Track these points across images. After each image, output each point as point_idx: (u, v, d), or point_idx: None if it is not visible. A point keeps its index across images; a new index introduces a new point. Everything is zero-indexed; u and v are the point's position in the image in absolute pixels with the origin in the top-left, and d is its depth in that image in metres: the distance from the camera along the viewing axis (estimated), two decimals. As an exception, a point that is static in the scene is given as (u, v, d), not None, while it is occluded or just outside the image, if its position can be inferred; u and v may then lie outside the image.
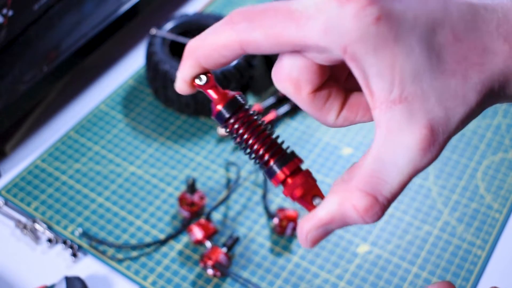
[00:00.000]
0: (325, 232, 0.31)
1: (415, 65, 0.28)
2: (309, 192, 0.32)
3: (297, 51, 0.29)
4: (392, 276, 0.66)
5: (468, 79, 0.28)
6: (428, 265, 0.67)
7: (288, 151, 0.33)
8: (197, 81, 0.33)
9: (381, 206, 0.29)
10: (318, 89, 0.32)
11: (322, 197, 0.32)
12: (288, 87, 0.32)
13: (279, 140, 0.32)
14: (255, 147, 0.32)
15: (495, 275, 0.66)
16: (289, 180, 0.32)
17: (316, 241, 0.31)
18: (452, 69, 0.28)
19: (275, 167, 0.32)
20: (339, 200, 0.30)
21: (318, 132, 0.79)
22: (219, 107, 0.33)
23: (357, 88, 0.33)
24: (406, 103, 0.28)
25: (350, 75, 0.34)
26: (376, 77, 0.28)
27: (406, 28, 0.28)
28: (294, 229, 0.68)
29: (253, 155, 0.33)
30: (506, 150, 0.78)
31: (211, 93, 0.33)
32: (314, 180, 0.32)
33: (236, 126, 0.32)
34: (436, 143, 0.28)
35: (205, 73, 0.33)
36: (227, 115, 0.33)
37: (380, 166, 0.29)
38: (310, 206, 0.32)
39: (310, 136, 0.78)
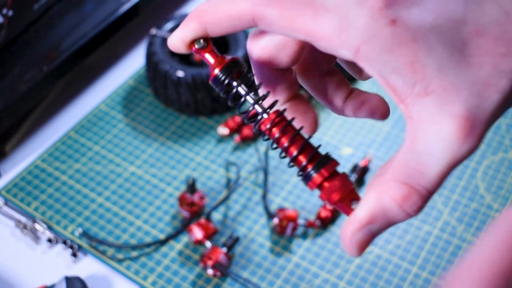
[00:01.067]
0: (369, 234, 0.29)
1: (437, 61, 0.27)
2: (347, 196, 0.30)
3: (307, 40, 0.29)
4: (392, 276, 0.66)
5: (497, 68, 0.28)
6: (428, 265, 0.67)
7: (323, 153, 0.31)
8: (196, 44, 0.32)
9: (420, 196, 0.28)
10: (327, 75, 0.33)
11: (360, 200, 0.31)
12: (262, 56, 0.32)
13: (315, 144, 0.31)
14: (290, 149, 0.31)
15: (495, 275, 0.66)
16: (326, 184, 0.30)
17: (362, 246, 0.29)
18: (479, 62, 0.28)
19: (311, 170, 0.30)
20: (375, 195, 0.28)
21: (318, 132, 0.79)
22: (216, 70, 0.32)
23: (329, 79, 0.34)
24: (434, 95, 0.27)
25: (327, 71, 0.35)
26: (394, 73, 0.28)
27: (424, 29, 0.28)
28: (294, 229, 0.68)
29: (285, 156, 0.31)
30: (506, 150, 0.78)
31: (208, 57, 0.32)
32: (352, 184, 0.31)
33: (268, 126, 0.31)
34: (474, 131, 0.27)
35: (204, 37, 0.32)
36: (224, 79, 0.31)
37: (415, 156, 0.28)
38: (349, 210, 0.30)
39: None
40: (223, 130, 0.77)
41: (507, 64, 0.28)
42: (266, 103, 0.32)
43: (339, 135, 0.79)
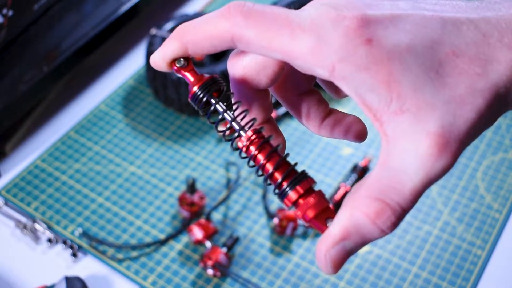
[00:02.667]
0: (344, 251, 0.29)
1: (413, 81, 0.28)
2: (322, 213, 0.30)
3: (284, 59, 0.30)
4: (392, 276, 0.66)
5: (473, 88, 0.28)
6: (428, 265, 0.67)
7: (298, 169, 0.31)
8: (176, 63, 0.33)
9: (393, 211, 0.28)
10: (306, 94, 0.34)
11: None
12: (242, 77, 0.33)
13: (288, 158, 0.31)
14: (266, 167, 0.31)
15: (495, 275, 0.66)
16: (301, 201, 0.30)
17: (336, 263, 0.29)
18: (454, 81, 0.28)
19: (286, 187, 0.31)
20: (349, 211, 0.28)
21: (318, 132, 0.79)
22: (195, 88, 0.32)
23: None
24: (409, 113, 0.28)
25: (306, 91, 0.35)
26: (369, 92, 0.28)
27: (400, 49, 0.28)
28: (294, 229, 0.68)
29: (262, 174, 0.32)
30: (506, 150, 0.78)
31: (188, 75, 0.33)
32: (327, 202, 0.31)
33: (245, 143, 0.32)
34: (448, 148, 0.27)
35: (185, 57, 0.33)
36: (202, 96, 0.32)
37: (388, 173, 0.28)
38: (324, 227, 0.30)
39: (310, 136, 0.78)
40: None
41: (482, 84, 0.28)
42: (244, 121, 0.33)
43: (339, 135, 0.79)
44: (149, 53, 0.80)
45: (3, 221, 0.70)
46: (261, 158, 0.31)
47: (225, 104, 0.32)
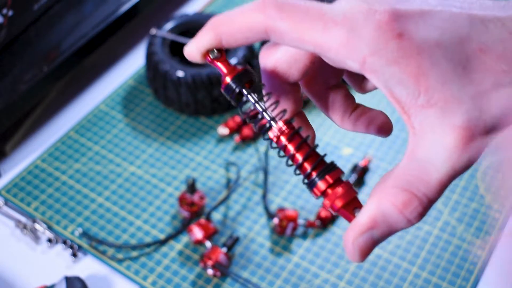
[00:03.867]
0: (371, 239, 0.29)
1: (441, 75, 0.28)
2: (350, 203, 0.31)
3: (316, 52, 0.30)
4: (392, 276, 0.66)
5: (499, 83, 0.29)
6: (428, 265, 0.67)
7: (328, 161, 0.32)
8: (210, 54, 0.33)
9: (420, 202, 0.28)
10: (334, 88, 0.34)
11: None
12: (274, 69, 0.33)
13: (321, 153, 0.32)
14: (296, 157, 0.32)
15: (495, 275, 0.66)
16: (330, 191, 0.31)
17: (364, 251, 0.30)
18: (481, 77, 0.29)
19: (316, 177, 0.31)
20: (377, 201, 0.29)
21: (318, 132, 0.79)
22: (228, 79, 0.33)
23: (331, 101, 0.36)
24: (436, 107, 0.28)
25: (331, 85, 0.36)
26: (398, 85, 0.29)
27: (429, 44, 0.29)
28: (294, 229, 0.68)
29: (291, 164, 0.32)
30: (506, 150, 0.77)
31: (221, 66, 0.33)
32: (355, 192, 0.31)
33: (276, 133, 0.32)
34: (474, 143, 0.28)
35: (218, 48, 0.33)
36: (235, 88, 0.33)
37: (415, 165, 0.29)
38: (352, 217, 0.31)
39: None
40: (223, 130, 0.77)
41: (508, 80, 0.29)
42: (275, 112, 0.33)
43: (339, 135, 0.79)
44: (149, 53, 0.80)
45: (3, 221, 0.70)
46: (291, 148, 0.32)
47: (256, 95, 0.33)
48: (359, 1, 0.29)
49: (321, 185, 0.31)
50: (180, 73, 0.77)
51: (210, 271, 0.65)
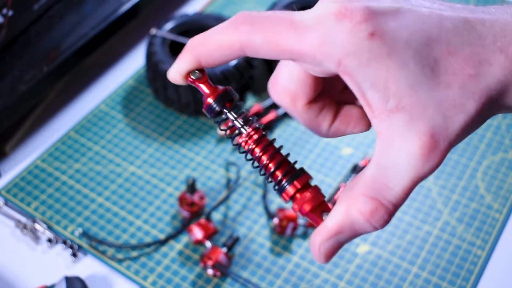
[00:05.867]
0: (337, 244, 0.31)
1: (409, 77, 0.29)
2: (318, 207, 0.32)
3: (293, 59, 0.30)
4: (392, 276, 0.66)
5: (465, 90, 0.29)
6: (428, 265, 0.67)
7: (297, 166, 0.33)
8: (191, 75, 0.34)
9: (386, 210, 0.29)
10: (312, 101, 0.34)
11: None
12: (285, 99, 0.33)
13: (288, 157, 0.33)
14: (265, 162, 0.33)
15: (495, 275, 0.66)
16: (298, 195, 0.32)
17: (329, 254, 0.31)
18: (447, 80, 0.29)
19: (285, 183, 0.32)
20: (345, 208, 0.30)
21: (318, 132, 0.79)
22: (210, 100, 0.34)
23: (348, 101, 0.35)
24: (404, 112, 0.29)
25: (344, 89, 0.35)
26: (370, 88, 0.29)
27: (399, 44, 0.29)
28: (294, 229, 0.68)
29: (262, 171, 0.33)
30: (506, 150, 0.78)
31: (203, 87, 0.34)
32: (323, 196, 0.32)
33: (245, 139, 0.33)
34: (437, 150, 0.29)
35: (199, 68, 0.34)
36: (216, 108, 0.34)
37: (382, 172, 0.29)
38: (319, 220, 0.32)
39: (310, 136, 0.78)
40: (222, 131, 0.77)
41: (474, 86, 0.29)
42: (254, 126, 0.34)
43: (339, 135, 0.79)
44: (149, 53, 0.80)
45: (3, 221, 0.70)
46: (257, 151, 0.33)
47: (236, 113, 0.34)
48: (330, 3, 0.30)
49: (290, 190, 0.32)
50: (180, 73, 0.77)
51: (210, 271, 0.65)
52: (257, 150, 0.33)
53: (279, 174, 0.33)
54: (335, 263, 0.67)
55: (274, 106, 0.81)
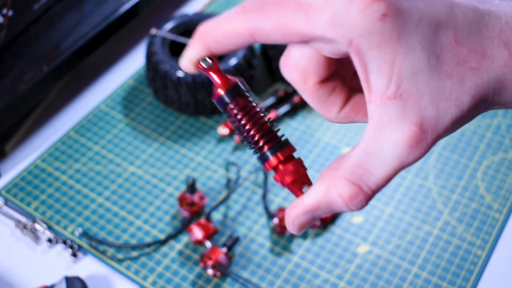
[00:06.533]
0: (312, 218, 0.32)
1: (413, 64, 0.29)
2: (299, 179, 0.33)
3: (304, 41, 0.30)
4: (392, 276, 0.66)
5: (464, 83, 0.29)
6: (428, 265, 0.67)
7: (283, 139, 0.34)
8: (202, 63, 0.34)
9: (365, 196, 0.30)
10: (323, 81, 0.34)
11: (311, 185, 0.33)
12: (295, 76, 0.33)
13: (276, 128, 0.33)
14: (251, 132, 0.33)
15: (495, 275, 0.66)
16: (281, 167, 0.33)
17: (303, 227, 0.32)
18: (449, 70, 0.29)
19: (268, 153, 0.33)
20: (325, 187, 0.31)
21: (318, 132, 0.79)
22: (221, 91, 0.34)
23: (360, 88, 0.35)
24: (400, 99, 0.29)
25: (355, 75, 0.35)
26: (375, 72, 0.29)
27: (409, 27, 0.29)
28: (294, 229, 0.68)
29: (248, 140, 0.34)
30: (506, 150, 0.78)
31: (214, 76, 0.34)
32: (305, 169, 0.33)
33: (235, 111, 0.33)
34: (424, 141, 0.29)
35: (210, 56, 0.34)
36: (227, 100, 0.33)
37: (367, 157, 0.30)
38: (299, 193, 0.33)
39: (310, 136, 0.78)
40: (223, 130, 0.77)
41: (473, 80, 0.29)
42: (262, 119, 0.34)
43: (339, 135, 0.79)
44: (149, 53, 0.80)
45: (3, 221, 0.70)
46: (245, 121, 0.33)
47: (248, 106, 0.34)
48: None
49: (273, 160, 0.33)
50: (180, 73, 0.77)
51: (210, 271, 0.65)
52: (244, 118, 0.33)
53: (262, 143, 0.33)
54: (335, 263, 0.67)
55: (274, 106, 0.81)
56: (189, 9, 0.95)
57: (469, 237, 0.69)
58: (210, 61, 0.34)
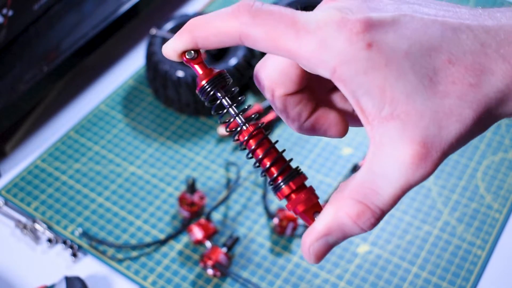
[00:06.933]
0: (326, 244, 0.31)
1: (406, 87, 0.29)
2: (311, 208, 0.33)
3: (289, 58, 0.31)
4: (392, 276, 0.66)
5: (463, 98, 0.29)
6: (428, 265, 0.67)
7: (294, 167, 0.34)
8: (186, 55, 0.34)
9: (373, 213, 0.30)
10: (291, 94, 0.34)
11: None
12: (265, 85, 0.34)
13: (287, 158, 0.34)
14: (263, 161, 0.33)
15: (495, 275, 0.66)
16: (293, 196, 0.33)
17: (319, 255, 0.32)
18: (446, 90, 0.29)
19: (281, 182, 0.33)
20: (334, 210, 0.31)
21: (318, 132, 0.79)
22: (203, 82, 0.34)
23: (331, 104, 0.36)
24: (399, 120, 0.29)
25: (331, 90, 0.36)
26: (365, 96, 0.29)
27: (398, 55, 0.29)
28: (294, 229, 0.68)
29: (260, 168, 0.34)
30: (506, 150, 0.78)
31: (197, 68, 0.34)
32: (317, 197, 0.33)
33: (245, 138, 0.34)
34: (429, 159, 0.29)
35: (195, 49, 0.34)
36: (209, 89, 0.34)
37: (371, 177, 0.30)
38: (311, 221, 0.33)
39: (310, 136, 0.78)
40: (223, 130, 0.77)
41: (473, 95, 0.29)
42: (247, 113, 0.35)
43: (339, 135, 0.79)
44: (149, 53, 0.80)
45: (3, 221, 0.70)
46: (260, 152, 0.33)
47: (230, 98, 0.34)
48: (333, 9, 0.30)
49: (285, 190, 0.33)
50: (180, 73, 0.77)
51: (210, 271, 0.65)
52: (256, 148, 0.33)
53: (275, 172, 0.33)
54: (335, 263, 0.67)
55: (271, 108, 0.81)
56: (189, 9, 0.95)
57: (469, 237, 0.69)
58: (194, 53, 0.34)
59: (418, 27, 0.29)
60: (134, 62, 0.88)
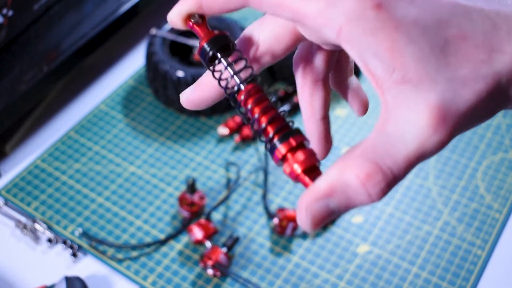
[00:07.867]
0: (326, 208, 0.28)
1: (417, 53, 0.28)
2: (311, 170, 0.29)
3: (294, 20, 0.30)
4: (392, 276, 0.66)
5: (476, 72, 0.28)
6: (428, 265, 0.67)
7: (294, 127, 0.31)
8: (191, 19, 0.33)
9: (384, 176, 0.27)
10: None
11: None
12: (259, 47, 0.35)
13: (287, 119, 0.31)
14: (260, 119, 0.31)
15: (495, 275, 0.66)
16: (290, 156, 0.29)
17: (317, 220, 0.28)
18: (458, 62, 0.28)
19: (277, 141, 0.30)
20: (339, 169, 0.27)
21: (318, 132, 0.79)
22: (203, 42, 0.33)
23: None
24: (411, 84, 0.27)
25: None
26: (373, 58, 0.28)
27: (407, 20, 0.28)
28: (294, 229, 0.68)
29: (256, 128, 0.31)
30: (506, 150, 0.78)
31: (199, 31, 0.33)
32: (317, 160, 0.30)
33: (242, 97, 0.32)
34: (446, 124, 0.27)
35: (200, 14, 0.34)
36: (208, 50, 0.32)
37: (384, 138, 0.27)
38: (311, 184, 0.29)
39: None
40: (223, 130, 0.77)
41: (486, 70, 0.28)
42: (244, 75, 0.34)
43: (339, 135, 0.79)
44: (149, 53, 0.80)
45: (3, 221, 0.70)
46: (256, 111, 0.31)
47: (228, 58, 0.33)
48: None
49: (282, 148, 0.29)
50: (180, 73, 0.77)
51: (210, 271, 0.65)
52: (253, 106, 0.31)
53: (271, 131, 0.30)
54: (335, 263, 0.67)
55: (276, 105, 0.81)
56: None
57: (469, 237, 0.69)
58: (198, 17, 0.33)
59: (428, 0, 0.29)
60: (134, 62, 0.88)
